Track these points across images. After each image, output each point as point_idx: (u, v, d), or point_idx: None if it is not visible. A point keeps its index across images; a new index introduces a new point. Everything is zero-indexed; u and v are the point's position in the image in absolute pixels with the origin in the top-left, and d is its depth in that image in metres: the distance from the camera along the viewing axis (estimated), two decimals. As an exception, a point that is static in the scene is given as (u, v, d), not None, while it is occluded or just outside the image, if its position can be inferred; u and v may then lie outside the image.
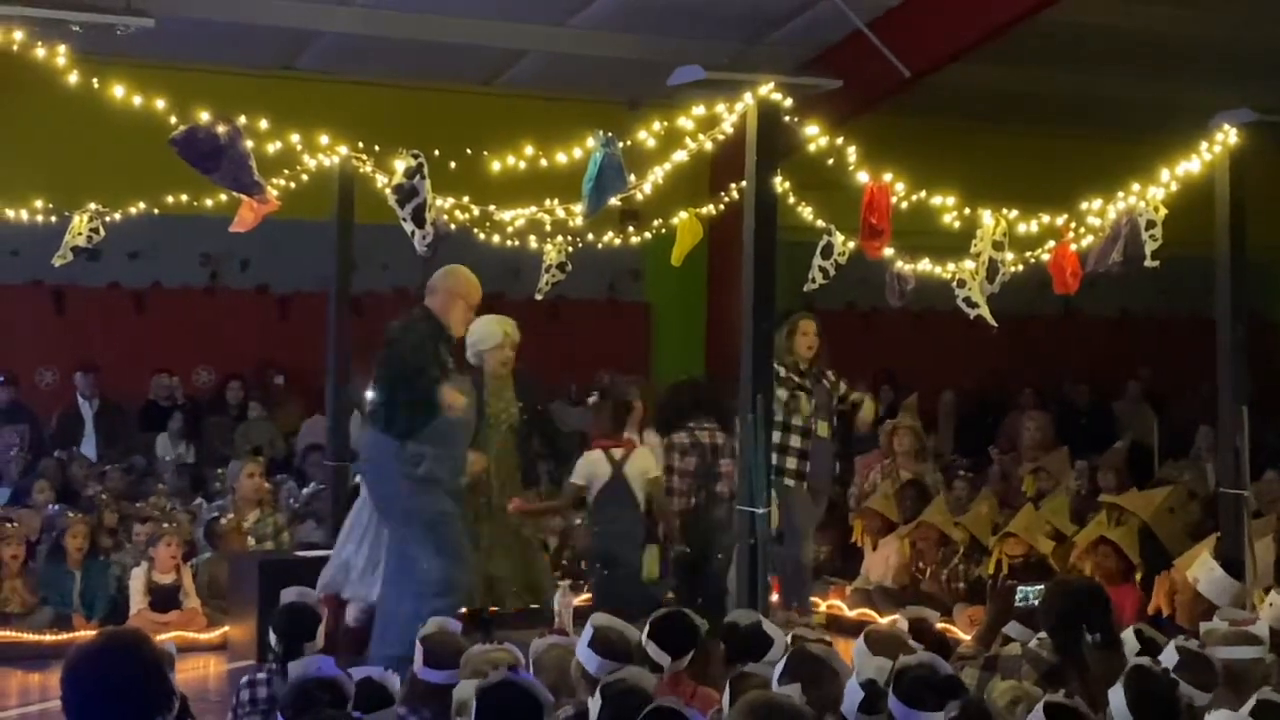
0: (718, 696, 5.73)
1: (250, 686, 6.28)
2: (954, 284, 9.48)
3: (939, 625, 6.94)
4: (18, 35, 7.54)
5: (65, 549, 10.96)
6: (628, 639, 6.01)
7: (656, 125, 8.82)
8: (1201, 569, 8.77)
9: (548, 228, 11.12)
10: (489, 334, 9.79)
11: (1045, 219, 9.49)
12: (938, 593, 11.11)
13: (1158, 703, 5.13)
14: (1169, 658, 5.66)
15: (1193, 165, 8.94)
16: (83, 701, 3.90)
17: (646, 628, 6.13)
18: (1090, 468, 12.85)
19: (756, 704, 4.71)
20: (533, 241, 11.47)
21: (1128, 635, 6.11)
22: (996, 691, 5.60)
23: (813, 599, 11.04)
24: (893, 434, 12.70)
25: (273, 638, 6.42)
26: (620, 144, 8.49)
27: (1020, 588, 7.46)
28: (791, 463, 10.39)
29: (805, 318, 10.68)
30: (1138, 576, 10.03)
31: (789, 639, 6.06)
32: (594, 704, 5.17)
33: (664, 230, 11.38)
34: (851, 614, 11.32)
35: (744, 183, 8.64)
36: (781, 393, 10.20)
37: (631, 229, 12.01)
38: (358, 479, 11.67)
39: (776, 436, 10.13)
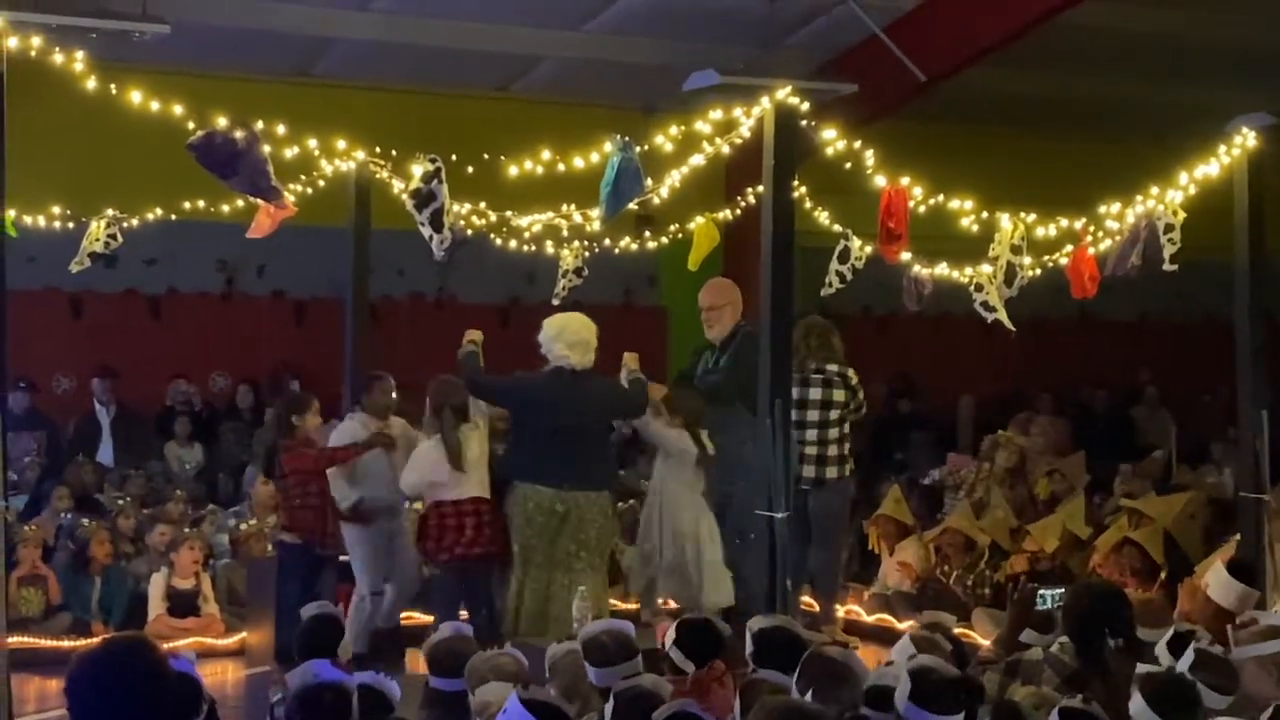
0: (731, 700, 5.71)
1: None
2: (972, 288, 9.47)
3: (957, 630, 6.91)
4: (35, 41, 7.55)
5: (89, 556, 10.97)
6: (622, 637, 5.99)
7: (673, 130, 8.81)
8: (1213, 573, 8.77)
9: (564, 233, 11.12)
10: None
11: (1063, 223, 9.47)
12: (959, 597, 11.07)
13: (1178, 704, 5.11)
14: (1186, 659, 5.64)
15: (1211, 168, 8.92)
16: (86, 709, 3.87)
17: (672, 633, 6.10)
18: (1127, 474, 12.83)
19: (777, 709, 4.69)
20: (549, 247, 11.47)
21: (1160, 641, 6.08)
22: (1018, 697, 5.58)
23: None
24: (997, 446, 12.66)
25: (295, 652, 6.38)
26: (637, 149, 8.49)
27: (1041, 591, 7.44)
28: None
29: None
30: (1162, 576, 10.01)
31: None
32: (608, 709, 5.16)
33: (680, 235, 11.38)
34: (869, 619, 11.31)
35: (760, 187, 8.63)
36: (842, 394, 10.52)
37: (648, 234, 12.00)
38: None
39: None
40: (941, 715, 4.93)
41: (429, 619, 9.69)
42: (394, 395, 10.10)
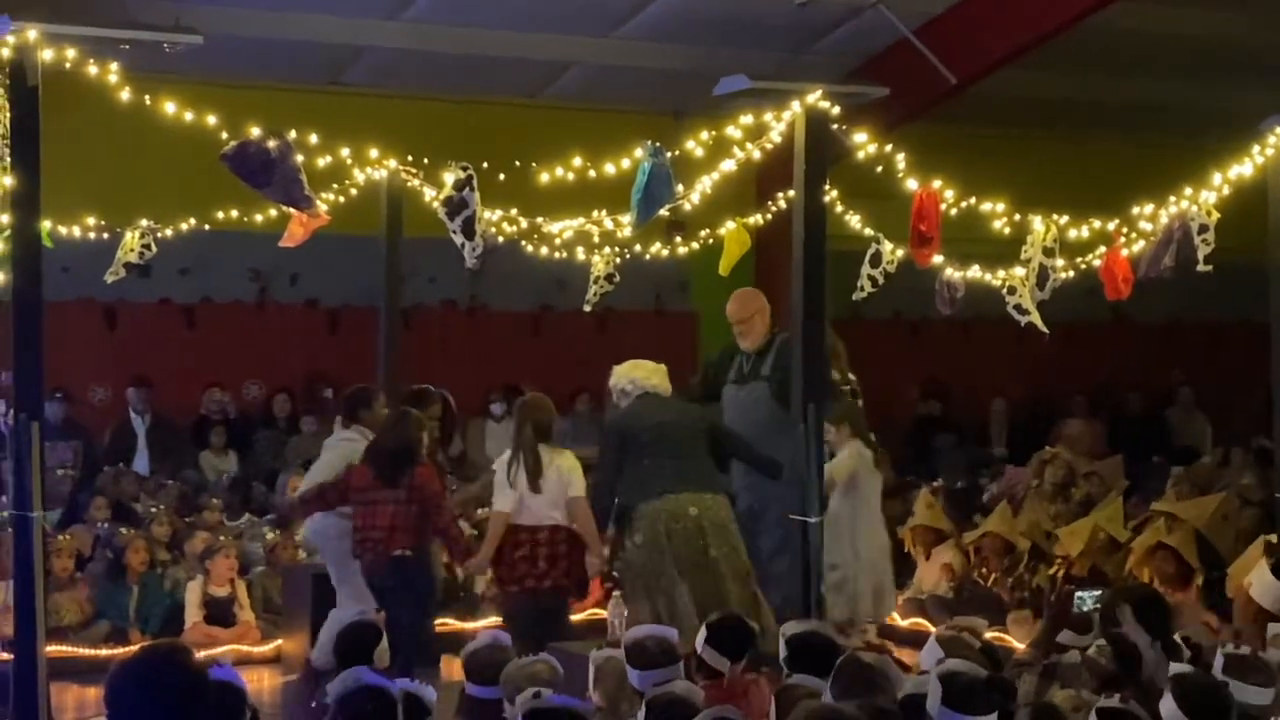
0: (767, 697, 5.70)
1: None
2: (1004, 291, 9.44)
3: (991, 634, 6.89)
4: (69, 54, 7.60)
5: (125, 565, 11.02)
6: (665, 642, 6.00)
7: (704, 135, 8.81)
8: (1256, 574, 8.72)
9: (595, 239, 11.13)
10: None
11: (1096, 224, 9.43)
12: (999, 598, 11.04)
13: (1209, 706, 5.09)
14: (1217, 663, 5.62)
15: (1245, 168, 8.87)
16: (126, 717, 3.90)
17: (704, 632, 6.11)
18: (1179, 477, 12.77)
19: (815, 714, 4.69)
20: (580, 253, 11.48)
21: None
22: (1057, 700, 5.57)
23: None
24: (1047, 463, 12.63)
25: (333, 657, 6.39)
26: (667, 154, 8.49)
27: (1078, 594, 7.42)
28: None
29: None
30: (1199, 581, 9.96)
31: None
32: (640, 714, 5.18)
33: (711, 240, 11.38)
34: (904, 624, 11.29)
35: (791, 192, 8.63)
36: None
37: (679, 239, 12.00)
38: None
39: None
40: (974, 717, 4.92)
41: (464, 625, 9.67)
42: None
